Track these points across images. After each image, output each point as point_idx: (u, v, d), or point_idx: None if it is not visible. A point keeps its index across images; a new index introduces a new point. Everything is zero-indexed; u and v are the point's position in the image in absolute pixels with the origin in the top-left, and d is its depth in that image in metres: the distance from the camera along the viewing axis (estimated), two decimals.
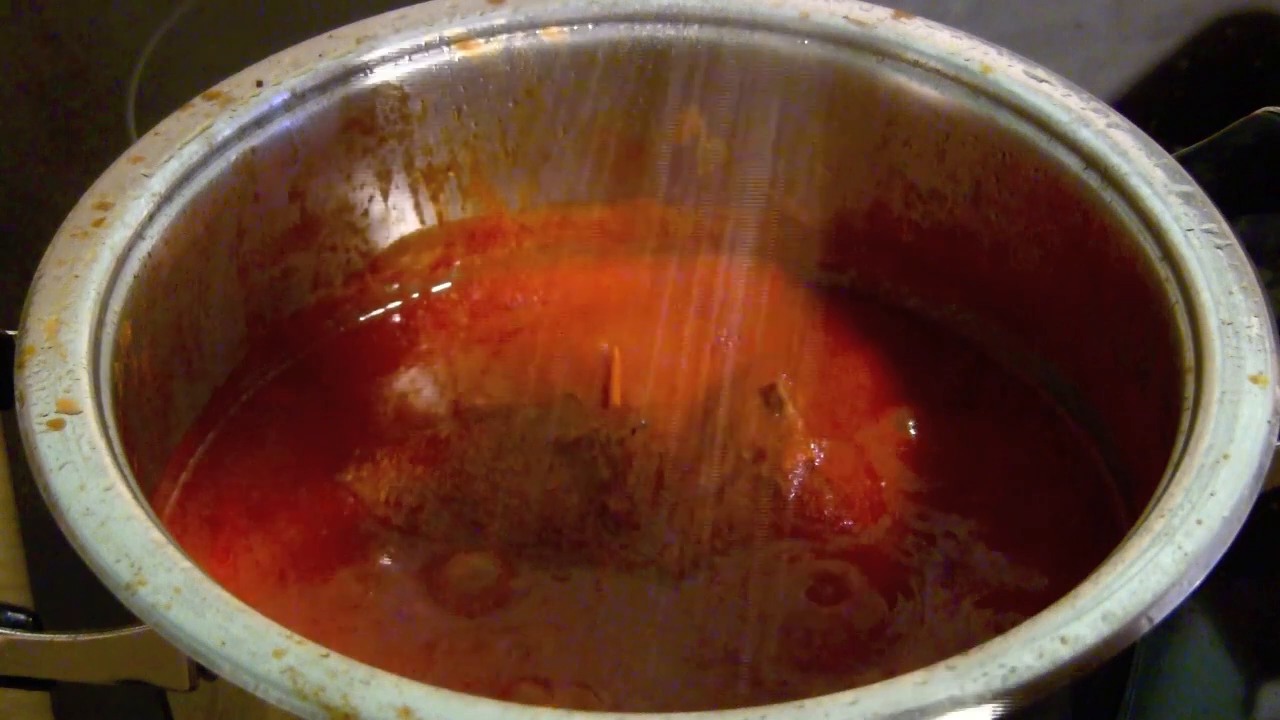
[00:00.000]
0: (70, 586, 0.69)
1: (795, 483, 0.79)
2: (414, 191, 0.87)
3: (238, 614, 0.62)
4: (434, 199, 0.87)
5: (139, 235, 0.76)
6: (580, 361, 0.85)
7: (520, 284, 0.89)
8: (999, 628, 0.63)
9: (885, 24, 0.84)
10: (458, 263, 0.89)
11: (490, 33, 0.85)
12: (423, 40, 0.84)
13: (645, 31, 0.86)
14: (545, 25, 0.85)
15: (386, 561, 0.77)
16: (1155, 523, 0.65)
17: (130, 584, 0.63)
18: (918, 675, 0.60)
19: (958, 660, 0.61)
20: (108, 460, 0.67)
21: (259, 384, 0.84)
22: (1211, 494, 0.66)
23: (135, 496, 0.66)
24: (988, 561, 0.77)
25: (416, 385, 0.85)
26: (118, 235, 0.75)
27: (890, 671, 0.61)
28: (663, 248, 0.90)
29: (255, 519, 0.79)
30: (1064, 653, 0.61)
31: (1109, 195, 0.78)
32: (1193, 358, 0.71)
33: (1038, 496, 0.80)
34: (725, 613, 0.75)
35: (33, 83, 1.14)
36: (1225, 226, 0.75)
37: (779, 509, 0.78)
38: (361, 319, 0.87)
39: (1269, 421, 0.68)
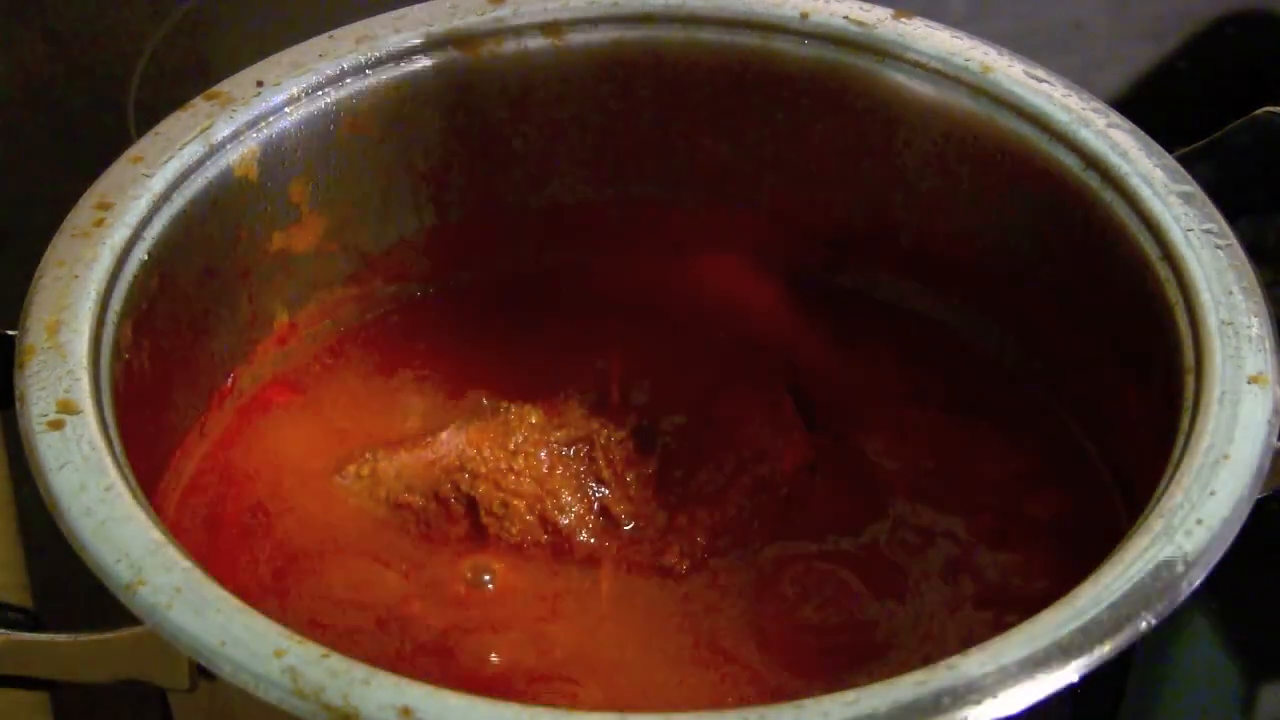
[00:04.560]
0: (70, 586, 0.69)
1: (795, 483, 0.79)
2: (415, 192, 0.87)
3: (238, 614, 0.62)
4: (435, 199, 0.87)
5: (139, 235, 0.76)
6: (580, 361, 0.85)
7: (520, 283, 0.89)
8: (999, 628, 0.62)
9: (885, 24, 0.84)
10: (458, 263, 0.89)
11: (491, 33, 0.85)
12: (423, 40, 0.84)
13: (646, 32, 0.86)
14: (546, 25, 0.85)
15: (386, 562, 0.77)
16: (1155, 523, 0.65)
17: (130, 584, 0.63)
18: (918, 675, 0.60)
19: (958, 660, 0.61)
20: (108, 460, 0.67)
21: (259, 384, 0.84)
22: (1211, 494, 0.66)
23: (135, 496, 0.66)
24: (988, 561, 0.77)
25: (416, 385, 0.85)
26: (118, 235, 0.75)
27: (890, 671, 0.61)
28: (663, 248, 0.90)
29: (255, 519, 0.79)
30: (1064, 653, 0.61)
31: (1109, 195, 0.78)
32: (1193, 358, 0.71)
33: (1038, 496, 0.80)
34: (725, 613, 0.75)
35: (33, 83, 1.14)
36: (1225, 226, 0.75)
37: (779, 509, 0.78)
38: (361, 319, 0.87)
39: (1269, 421, 0.68)
